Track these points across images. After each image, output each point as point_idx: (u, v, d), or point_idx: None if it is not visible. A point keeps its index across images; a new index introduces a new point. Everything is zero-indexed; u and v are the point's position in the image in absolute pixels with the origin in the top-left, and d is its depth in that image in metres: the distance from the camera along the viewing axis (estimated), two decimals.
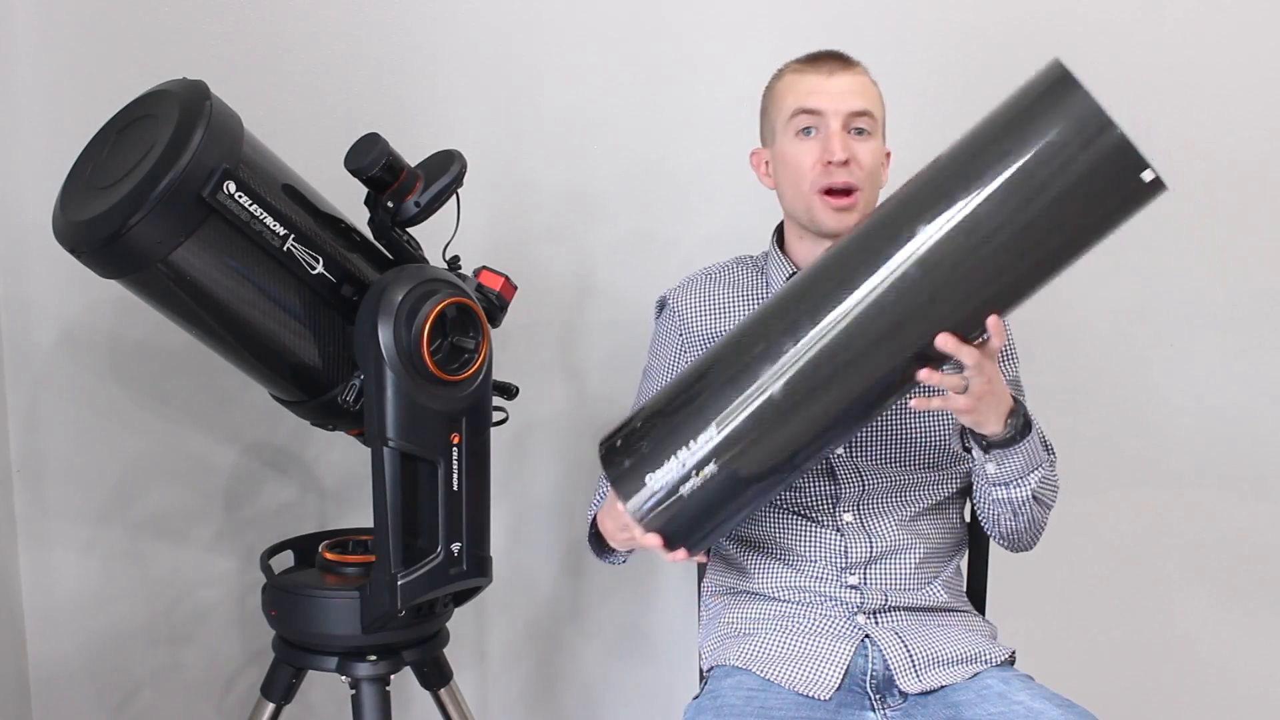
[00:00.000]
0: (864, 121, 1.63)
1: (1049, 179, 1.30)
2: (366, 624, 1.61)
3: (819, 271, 1.43)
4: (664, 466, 1.42)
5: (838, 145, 1.60)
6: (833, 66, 1.65)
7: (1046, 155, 1.30)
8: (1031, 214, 1.32)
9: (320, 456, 2.13)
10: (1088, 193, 1.31)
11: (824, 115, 1.62)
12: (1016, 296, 1.38)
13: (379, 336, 1.53)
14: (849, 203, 1.62)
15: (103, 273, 1.48)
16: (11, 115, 1.96)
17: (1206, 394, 2.29)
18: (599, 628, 2.26)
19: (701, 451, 1.41)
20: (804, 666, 1.59)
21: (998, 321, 1.37)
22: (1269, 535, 2.32)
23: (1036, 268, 1.36)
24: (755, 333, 1.44)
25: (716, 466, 1.41)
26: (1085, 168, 1.30)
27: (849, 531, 1.65)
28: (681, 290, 1.78)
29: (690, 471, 1.42)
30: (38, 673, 2.07)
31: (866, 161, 1.62)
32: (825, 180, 1.62)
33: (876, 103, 1.66)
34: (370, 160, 1.56)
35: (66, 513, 2.04)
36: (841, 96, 1.63)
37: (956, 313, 1.36)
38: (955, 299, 1.35)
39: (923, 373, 1.38)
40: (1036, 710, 1.47)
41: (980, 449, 1.56)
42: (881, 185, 1.69)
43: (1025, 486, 1.58)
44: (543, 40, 2.10)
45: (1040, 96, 1.34)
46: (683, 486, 1.42)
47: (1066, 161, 1.30)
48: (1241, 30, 2.20)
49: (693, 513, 1.44)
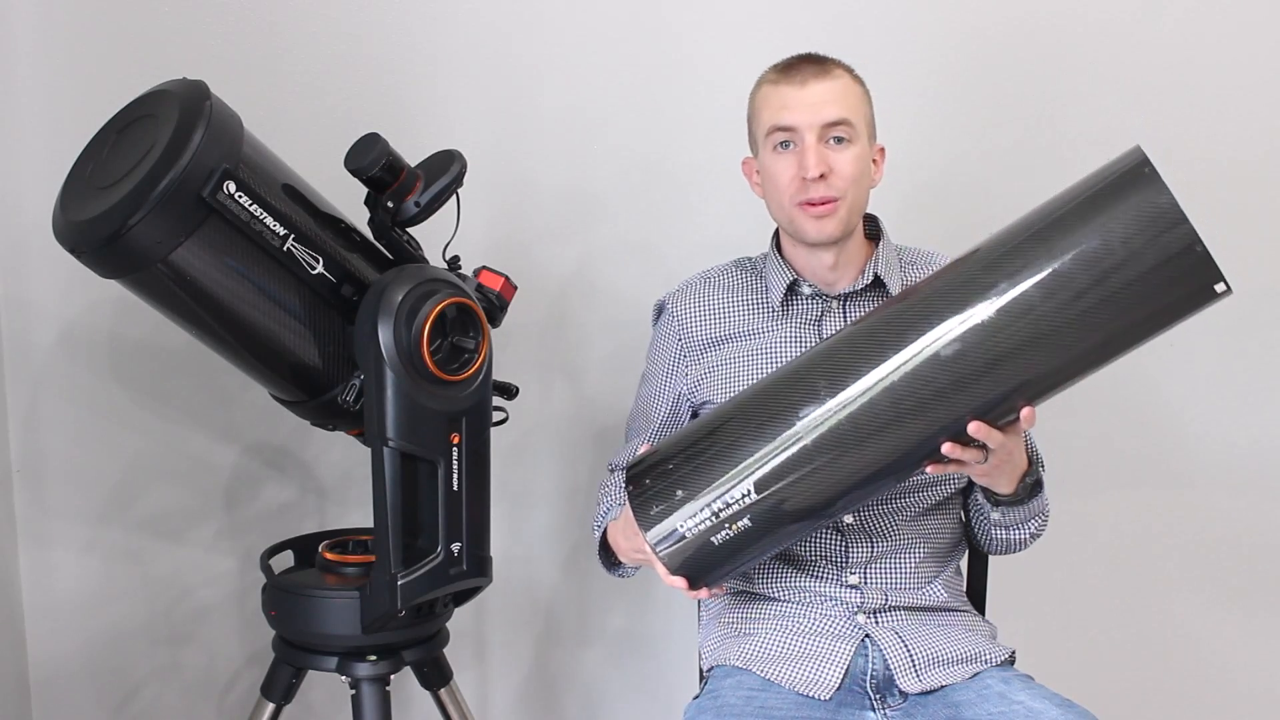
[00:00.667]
0: (841, 130, 1.60)
1: (1118, 279, 1.30)
2: (366, 624, 1.61)
3: (872, 329, 1.42)
4: (697, 517, 1.44)
5: (812, 161, 1.58)
6: (806, 75, 1.61)
7: (1120, 256, 1.29)
8: (1092, 308, 1.31)
9: (320, 456, 2.13)
10: (1155, 297, 1.31)
11: (798, 130, 1.60)
12: (1056, 386, 1.38)
13: (379, 336, 1.53)
14: (827, 210, 1.61)
15: (103, 273, 1.48)
16: (11, 115, 1.96)
17: (1206, 394, 2.29)
18: (599, 627, 2.26)
19: (738, 507, 1.43)
20: (804, 666, 1.59)
21: (1031, 412, 1.39)
22: (1269, 535, 2.32)
23: (1083, 359, 1.35)
24: (801, 385, 1.43)
25: (750, 521, 1.43)
26: (1158, 274, 1.29)
27: (849, 531, 1.65)
28: (679, 294, 1.77)
29: (724, 524, 1.44)
30: (38, 673, 2.07)
31: (846, 170, 1.60)
32: (803, 195, 1.61)
33: (857, 106, 1.62)
34: (370, 160, 1.55)
35: (66, 513, 2.04)
36: (815, 108, 1.59)
37: (993, 393, 1.36)
38: (995, 382, 1.35)
39: (946, 446, 1.39)
40: (1036, 710, 1.47)
41: (988, 500, 1.60)
42: (873, 184, 1.67)
43: (1025, 530, 1.66)
44: (543, 40, 2.10)
45: (1117, 188, 1.32)
46: (714, 536, 1.44)
47: (1138, 263, 1.29)
48: (1241, 30, 2.20)
49: (719, 558, 1.46)
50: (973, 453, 1.42)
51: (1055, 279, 1.31)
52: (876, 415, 1.37)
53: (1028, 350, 1.33)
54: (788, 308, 1.70)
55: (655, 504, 1.46)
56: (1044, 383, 1.37)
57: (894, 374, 1.37)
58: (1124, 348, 1.36)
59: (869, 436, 1.38)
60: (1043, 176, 2.18)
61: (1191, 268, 1.29)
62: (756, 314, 1.71)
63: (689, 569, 1.47)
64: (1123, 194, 1.31)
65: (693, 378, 1.72)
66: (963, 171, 2.19)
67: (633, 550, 1.57)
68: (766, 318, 1.70)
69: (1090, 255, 1.30)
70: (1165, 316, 1.34)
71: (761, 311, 1.71)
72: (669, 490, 1.46)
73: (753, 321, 1.71)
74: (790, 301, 1.70)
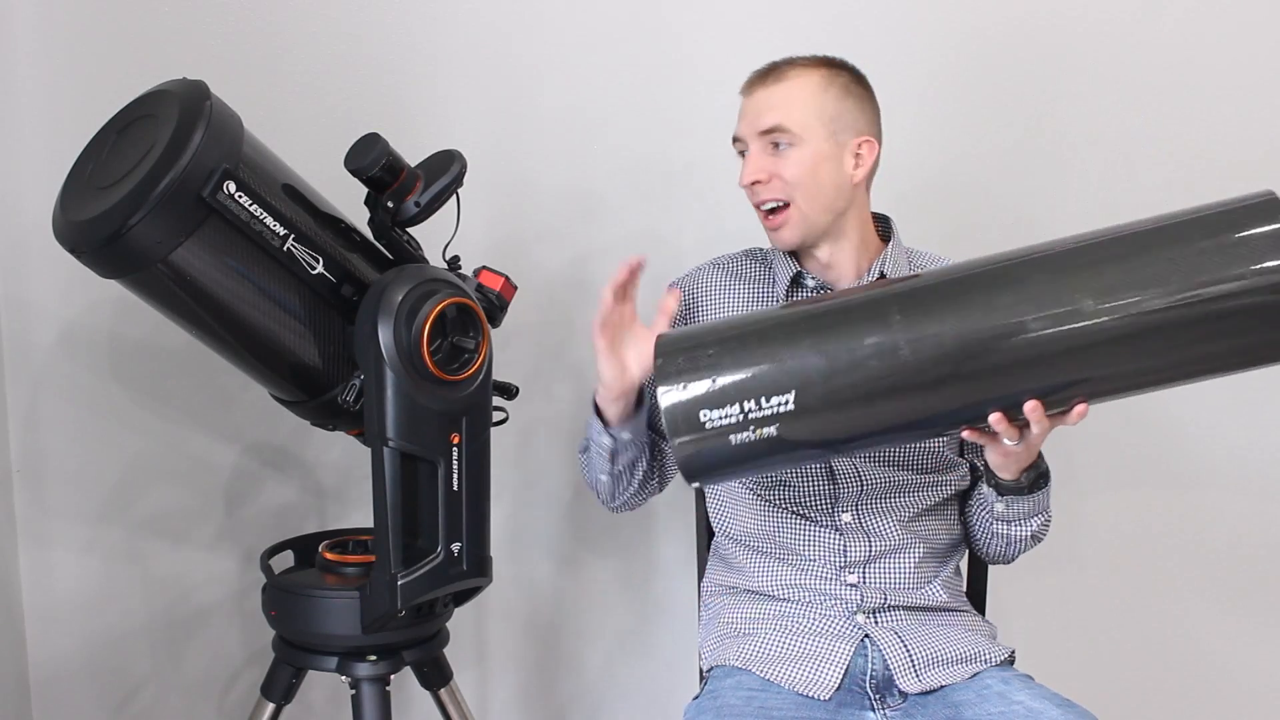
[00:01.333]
0: (777, 135, 1.62)
1: (1237, 302, 1.29)
2: (366, 624, 1.61)
3: (962, 281, 1.38)
4: (724, 409, 1.37)
5: (747, 170, 1.64)
6: (755, 83, 1.66)
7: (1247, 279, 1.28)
8: (1199, 320, 1.29)
9: (320, 456, 2.13)
10: (1265, 329, 1.30)
11: (744, 139, 1.66)
12: (1124, 390, 1.37)
13: (379, 336, 1.53)
14: (779, 220, 1.64)
15: (103, 273, 1.48)
16: (11, 115, 1.96)
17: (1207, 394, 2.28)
18: (599, 627, 2.26)
19: (770, 411, 1.36)
20: (804, 666, 1.59)
21: (1085, 409, 1.38)
22: (1269, 535, 2.32)
23: (1164, 371, 1.34)
24: (873, 310, 1.37)
25: (776, 429, 1.37)
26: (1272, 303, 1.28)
27: (848, 531, 1.65)
28: (692, 277, 1.79)
29: (750, 426, 1.37)
30: (38, 673, 2.07)
31: (789, 173, 1.61)
32: (753, 199, 1.66)
33: (803, 106, 1.61)
34: (370, 160, 1.56)
35: (66, 513, 2.04)
36: (754, 116, 1.64)
37: (1063, 378, 1.34)
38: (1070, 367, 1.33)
39: (994, 417, 1.38)
40: (1036, 710, 1.47)
41: (993, 489, 1.60)
42: (853, 180, 1.64)
43: (1027, 527, 1.65)
44: (543, 40, 2.10)
45: (1256, 215, 1.31)
46: (734, 435, 1.37)
47: (1262, 290, 1.28)
48: (1241, 30, 2.20)
49: (727, 457, 1.40)
50: (1014, 430, 1.41)
51: (1176, 282, 1.29)
52: (941, 364, 1.33)
53: (1116, 345, 1.31)
54: (792, 299, 1.70)
55: (682, 380, 1.38)
56: (1115, 382, 1.35)
57: (975, 326, 1.33)
58: (1207, 372, 1.35)
59: (927, 386, 1.34)
60: (1042, 176, 2.20)
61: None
62: (762, 302, 1.72)
63: (695, 461, 1.40)
64: (1257, 222, 1.30)
65: None
66: (962, 171, 2.19)
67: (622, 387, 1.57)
68: (771, 305, 1.71)
69: (1217, 271, 1.29)
70: (1264, 353, 1.32)
71: (767, 300, 1.72)
72: (700, 371, 1.38)
73: (758, 308, 1.72)
74: (795, 294, 1.71)
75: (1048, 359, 1.33)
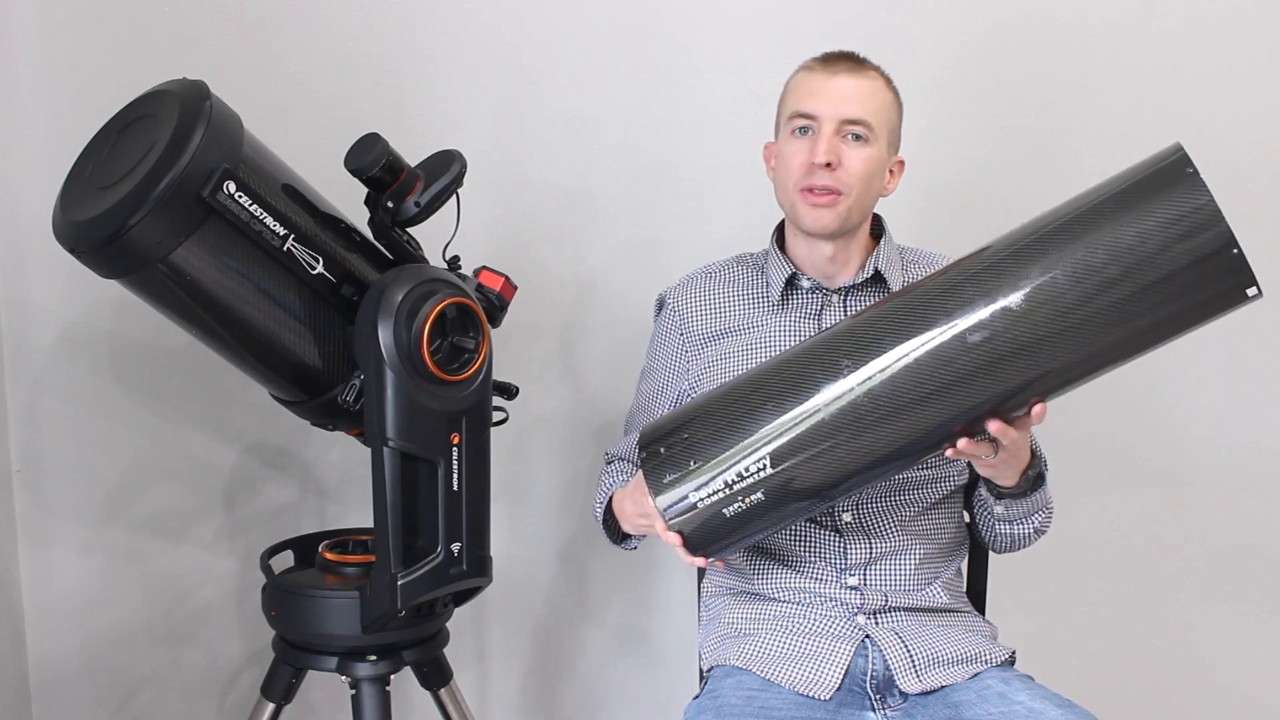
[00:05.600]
0: (859, 128, 1.61)
1: (1149, 274, 1.30)
2: (366, 624, 1.61)
3: (896, 310, 1.42)
4: (710, 487, 1.44)
5: (823, 148, 1.60)
6: (839, 68, 1.63)
7: (1153, 251, 1.29)
8: (1120, 301, 1.31)
9: (320, 456, 2.13)
10: (1185, 296, 1.31)
11: (818, 118, 1.61)
12: (1073, 381, 1.38)
13: (379, 336, 1.53)
14: (826, 200, 1.61)
15: (103, 273, 1.48)
16: (11, 115, 1.95)
17: (1207, 394, 2.29)
18: (599, 628, 2.26)
19: (751, 479, 1.42)
20: (804, 666, 1.59)
21: (1043, 409, 1.39)
22: (1269, 536, 2.32)
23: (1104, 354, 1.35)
24: (823, 360, 1.42)
25: (763, 494, 1.43)
26: (1190, 273, 1.29)
27: (848, 532, 1.65)
28: (680, 289, 1.78)
29: (736, 496, 1.43)
30: (38, 673, 2.07)
31: (855, 168, 1.61)
32: (807, 180, 1.62)
33: (882, 111, 1.63)
34: (370, 160, 1.55)
35: (66, 513, 2.04)
36: (838, 102, 1.61)
37: (1013, 382, 1.36)
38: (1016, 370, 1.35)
39: (961, 442, 1.41)
40: (1037, 710, 1.48)
41: (991, 493, 1.61)
42: (884, 193, 1.68)
43: (1028, 524, 1.66)
44: (543, 40, 2.10)
45: (1154, 184, 1.32)
46: (726, 508, 1.44)
47: (1171, 259, 1.29)
48: (1241, 30, 2.20)
49: (728, 529, 1.46)
50: (984, 447, 1.43)
51: (1087, 270, 1.31)
52: (897, 394, 1.37)
53: (1052, 340, 1.33)
54: (787, 301, 1.70)
55: (668, 471, 1.46)
56: (1062, 375, 1.37)
57: (918, 353, 1.36)
58: (1146, 346, 1.36)
59: (887, 416, 1.38)
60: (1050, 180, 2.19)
61: (1224, 269, 1.29)
62: (755, 308, 1.72)
63: (697, 539, 1.47)
64: (1160, 190, 1.31)
65: (694, 372, 1.73)
66: (971, 175, 2.19)
67: (637, 515, 1.57)
68: (765, 312, 1.71)
69: (1123, 248, 1.30)
70: (1191, 316, 1.34)
71: (760, 305, 1.72)
72: (683, 458, 1.45)
73: (751, 315, 1.71)
74: (789, 295, 1.70)
75: (991, 365, 1.35)
